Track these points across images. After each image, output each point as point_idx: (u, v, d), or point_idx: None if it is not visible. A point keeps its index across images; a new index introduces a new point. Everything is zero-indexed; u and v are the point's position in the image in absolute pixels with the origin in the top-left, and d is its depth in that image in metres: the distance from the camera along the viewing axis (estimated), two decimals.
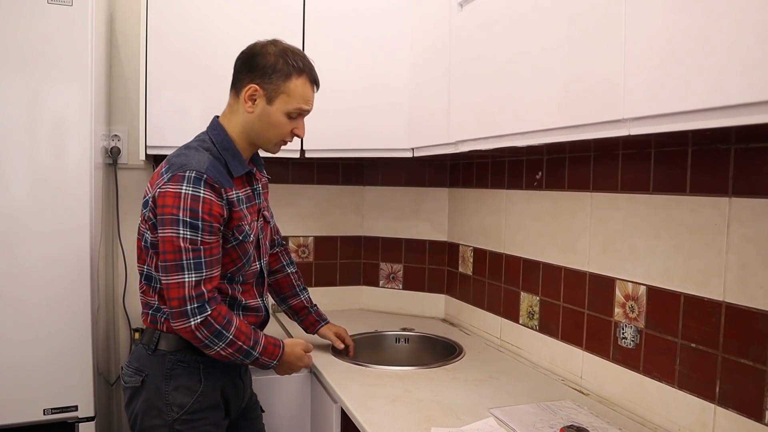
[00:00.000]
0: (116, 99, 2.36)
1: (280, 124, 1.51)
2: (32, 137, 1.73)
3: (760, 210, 1.19)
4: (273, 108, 1.49)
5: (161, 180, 1.43)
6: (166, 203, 1.38)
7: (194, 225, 1.37)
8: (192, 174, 1.39)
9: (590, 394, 1.64)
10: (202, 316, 1.38)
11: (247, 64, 1.50)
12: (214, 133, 1.53)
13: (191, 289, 1.37)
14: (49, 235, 1.74)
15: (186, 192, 1.38)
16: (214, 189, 1.40)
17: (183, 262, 1.37)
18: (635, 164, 1.52)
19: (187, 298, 1.37)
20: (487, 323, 2.21)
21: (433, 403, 1.54)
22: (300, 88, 1.50)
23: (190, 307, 1.37)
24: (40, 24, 1.70)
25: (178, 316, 1.38)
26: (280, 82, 1.48)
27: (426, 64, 1.93)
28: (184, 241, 1.37)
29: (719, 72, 0.87)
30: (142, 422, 1.48)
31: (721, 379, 1.27)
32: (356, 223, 2.69)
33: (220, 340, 1.41)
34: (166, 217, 1.38)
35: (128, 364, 1.53)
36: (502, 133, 1.48)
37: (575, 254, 1.73)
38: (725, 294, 1.26)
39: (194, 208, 1.38)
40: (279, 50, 1.49)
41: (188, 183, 1.38)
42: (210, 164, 1.43)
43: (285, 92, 1.48)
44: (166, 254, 1.38)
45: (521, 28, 1.39)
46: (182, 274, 1.37)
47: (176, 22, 2.02)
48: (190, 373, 1.48)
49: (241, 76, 1.52)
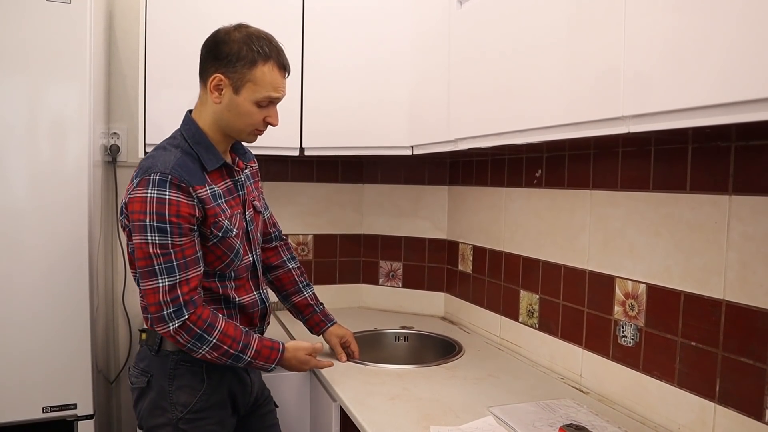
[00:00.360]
0: (115, 97, 2.35)
1: (250, 113, 1.45)
2: (31, 135, 1.73)
3: (761, 208, 1.18)
4: (240, 98, 1.43)
5: (131, 185, 1.40)
6: (134, 209, 1.36)
7: (162, 229, 1.34)
8: (156, 177, 1.35)
9: (590, 392, 1.64)
10: (180, 320, 1.36)
11: (212, 53, 1.44)
12: (186, 128, 1.49)
13: (165, 293, 1.35)
14: (48, 233, 1.74)
15: (151, 196, 1.34)
16: (181, 189, 1.36)
17: (155, 267, 1.35)
18: (635, 162, 1.51)
19: (162, 303, 1.36)
20: (486, 321, 2.21)
21: (432, 401, 1.54)
22: (267, 75, 1.43)
23: (167, 312, 1.36)
24: (39, 22, 1.69)
25: (157, 321, 1.37)
26: (245, 71, 1.41)
27: (425, 61, 1.93)
28: (153, 246, 1.34)
29: (720, 69, 0.87)
30: (148, 421, 1.49)
31: (721, 378, 1.26)
32: (356, 220, 2.69)
33: (202, 344, 1.39)
34: (135, 224, 1.37)
35: (135, 365, 1.54)
36: (501, 130, 1.48)
37: (575, 252, 1.73)
38: (725, 292, 1.26)
39: (161, 211, 1.34)
40: (243, 36, 1.43)
41: (153, 186, 1.35)
42: (176, 163, 1.38)
43: (251, 80, 1.42)
44: (138, 261, 1.37)
45: (521, 25, 1.39)
46: (155, 279, 1.36)
47: (175, 20, 2.01)
48: (193, 372, 1.48)
49: (206, 66, 1.46)
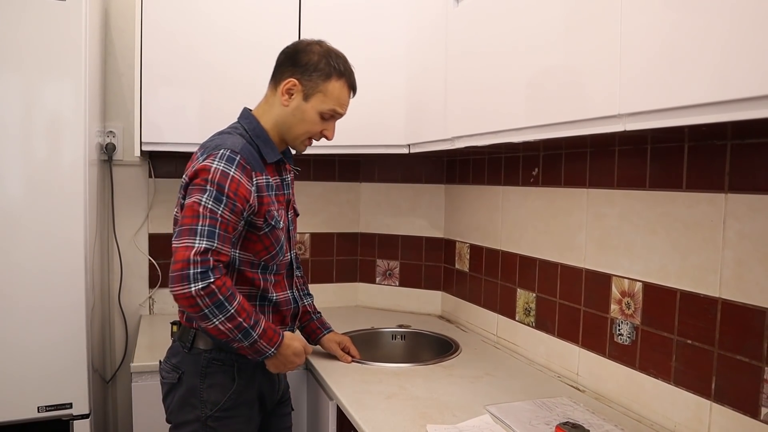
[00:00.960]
0: (111, 95, 2.34)
1: (312, 121, 1.53)
2: (26, 133, 1.72)
3: (756, 206, 1.18)
4: (308, 105, 1.52)
5: (196, 162, 1.43)
6: (197, 175, 1.39)
7: (218, 198, 1.36)
8: (226, 152, 1.40)
9: (586, 390, 1.64)
10: (205, 282, 1.31)
11: (291, 59, 1.53)
12: (246, 121, 1.55)
13: (198, 254, 1.31)
14: (44, 232, 1.73)
15: (217, 167, 1.38)
16: (245, 171, 1.41)
17: (197, 227, 1.34)
18: (631, 160, 1.51)
19: (191, 261, 1.30)
20: (483, 320, 2.21)
21: (428, 400, 1.54)
22: (338, 90, 1.53)
23: (193, 272, 1.30)
24: (34, 19, 1.68)
25: (178, 280, 1.31)
26: (319, 81, 1.50)
27: (422, 60, 1.93)
28: (204, 208, 1.35)
29: (715, 67, 0.87)
30: (177, 417, 1.51)
31: (717, 376, 1.27)
32: (353, 219, 2.69)
33: (220, 312, 1.34)
34: (194, 187, 1.39)
35: (166, 360, 1.55)
36: (498, 129, 1.48)
37: (571, 251, 1.73)
38: (721, 290, 1.26)
39: (222, 183, 1.37)
40: (323, 50, 1.53)
41: (221, 159, 1.39)
42: (244, 146, 1.45)
43: (322, 91, 1.51)
44: (184, 218, 1.36)
45: (517, 23, 1.39)
46: (193, 239, 1.33)
47: (171, 17, 2.01)
48: (224, 371, 1.49)
49: (282, 69, 1.54)
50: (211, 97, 2.07)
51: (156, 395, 1.79)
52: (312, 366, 1.81)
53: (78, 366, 1.78)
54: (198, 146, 1.51)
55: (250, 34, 2.07)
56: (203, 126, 2.06)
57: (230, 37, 2.06)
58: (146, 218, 2.41)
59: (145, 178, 2.41)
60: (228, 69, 2.06)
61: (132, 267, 2.41)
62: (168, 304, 2.44)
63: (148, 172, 2.41)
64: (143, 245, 2.41)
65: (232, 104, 2.07)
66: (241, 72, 2.06)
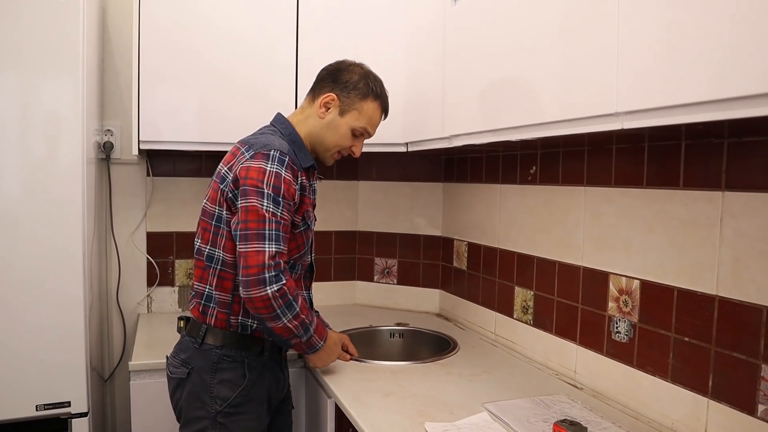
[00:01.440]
0: (109, 93, 2.34)
1: (344, 136, 1.61)
2: (23, 132, 1.71)
3: (753, 204, 1.19)
4: (342, 120, 1.60)
5: (243, 157, 1.48)
6: (250, 176, 1.43)
7: (276, 201, 1.42)
8: (276, 154, 1.46)
9: (584, 388, 1.64)
10: (279, 284, 1.39)
11: (332, 75, 1.62)
12: (282, 126, 1.61)
13: (270, 258, 1.39)
14: (41, 231, 1.72)
15: (271, 170, 1.43)
16: (292, 171, 1.47)
17: (265, 231, 1.40)
18: (629, 158, 1.51)
19: (266, 265, 1.38)
20: (481, 318, 2.21)
21: (426, 397, 1.54)
22: (372, 110, 1.62)
23: (268, 275, 1.38)
24: (30, 18, 1.68)
25: (255, 284, 1.38)
26: (356, 99, 1.59)
27: (420, 58, 1.93)
28: (267, 212, 1.41)
29: (713, 65, 0.87)
30: (187, 413, 1.52)
31: (714, 373, 1.27)
32: (350, 217, 2.69)
33: (289, 312, 1.42)
34: (250, 188, 1.42)
35: (174, 355, 1.57)
36: (495, 127, 1.48)
37: (569, 249, 1.73)
38: (718, 288, 1.26)
39: (277, 185, 1.43)
40: (364, 72, 1.63)
41: (272, 162, 1.44)
42: (289, 149, 1.52)
43: (358, 109, 1.60)
44: (249, 222, 1.41)
45: (515, 22, 1.39)
46: (263, 243, 1.40)
47: (169, 15, 2.00)
48: (235, 367, 1.51)
49: (323, 84, 1.62)
50: (209, 95, 2.07)
51: (154, 393, 1.80)
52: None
53: (76, 364, 1.77)
54: (240, 142, 1.55)
55: (248, 32, 2.06)
56: (201, 124, 2.07)
57: (228, 35, 2.06)
58: (144, 217, 2.41)
59: (143, 176, 2.41)
60: (226, 68, 2.05)
61: (130, 265, 2.40)
62: (166, 303, 2.45)
63: (146, 171, 2.40)
64: (141, 244, 2.41)
65: (230, 103, 2.09)
66: (239, 71, 2.06)
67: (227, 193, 1.48)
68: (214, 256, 1.51)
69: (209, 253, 1.53)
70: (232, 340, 1.51)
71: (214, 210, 1.51)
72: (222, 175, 1.51)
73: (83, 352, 1.78)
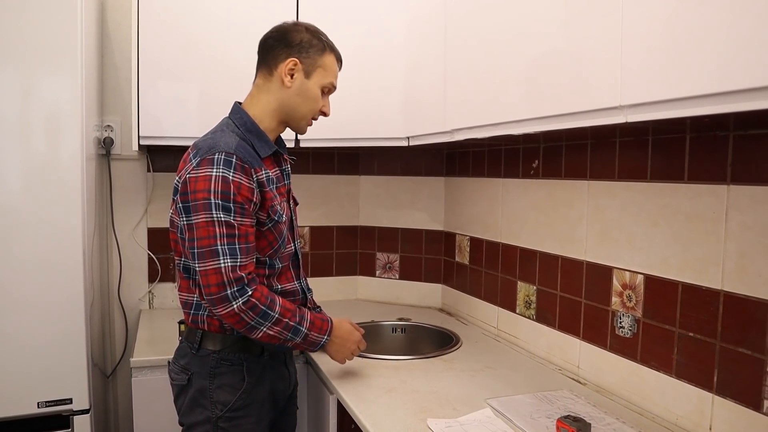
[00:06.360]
0: (108, 89, 2.33)
1: (315, 98, 1.53)
2: (23, 128, 1.71)
3: (759, 198, 1.17)
4: (311, 82, 1.51)
5: (189, 165, 1.41)
6: (197, 188, 1.37)
7: (227, 207, 1.36)
8: (221, 156, 1.38)
9: (587, 383, 1.64)
10: (244, 297, 1.35)
11: (282, 41, 1.51)
12: (237, 117, 1.53)
13: (228, 273, 1.34)
14: (42, 227, 1.72)
15: (216, 174, 1.36)
16: (244, 170, 1.39)
17: (218, 247, 1.35)
18: (633, 152, 1.50)
19: (226, 283, 1.34)
20: (484, 313, 2.20)
21: (429, 393, 1.53)
22: (331, 63, 1.55)
23: (230, 291, 1.34)
24: (29, 13, 1.67)
25: (219, 302, 1.35)
26: (317, 57, 1.51)
27: (421, 51, 1.91)
28: (219, 225, 1.35)
29: (718, 57, 0.85)
30: (188, 418, 1.50)
31: (719, 369, 1.26)
32: (352, 212, 2.68)
33: (265, 320, 1.39)
34: (198, 203, 1.36)
35: (174, 361, 1.55)
36: (498, 121, 1.47)
37: (572, 243, 1.72)
38: (723, 282, 1.25)
39: (225, 190, 1.36)
40: (309, 28, 1.54)
41: (218, 165, 1.37)
42: (238, 144, 1.43)
43: (321, 66, 1.52)
44: (201, 240, 1.36)
45: (518, 13, 1.37)
46: (217, 259, 1.34)
47: (169, 9, 1.99)
48: (233, 371, 1.48)
49: (276, 53, 1.51)
50: (210, 89, 2.05)
51: (156, 389, 1.80)
52: (312, 360, 1.81)
53: (78, 361, 1.77)
54: (192, 145, 1.48)
55: (249, 24, 2.03)
56: (202, 119, 2.04)
57: (228, 28, 2.04)
58: (145, 212, 2.40)
59: (143, 172, 2.40)
60: (226, 61, 2.04)
61: (131, 261, 2.40)
62: (168, 299, 2.44)
63: (146, 167, 2.40)
64: (142, 239, 2.41)
65: (232, 96, 2.05)
66: (239, 63, 2.01)
67: (180, 205, 1.42)
68: (190, 267, 1.46)
69: (185, 264, 1.49)
70: (230, 343, 1.48)
71: (178, 221, 1.46)
72: (175, 185, 1.45)
73: (85, 348, 1.78)
